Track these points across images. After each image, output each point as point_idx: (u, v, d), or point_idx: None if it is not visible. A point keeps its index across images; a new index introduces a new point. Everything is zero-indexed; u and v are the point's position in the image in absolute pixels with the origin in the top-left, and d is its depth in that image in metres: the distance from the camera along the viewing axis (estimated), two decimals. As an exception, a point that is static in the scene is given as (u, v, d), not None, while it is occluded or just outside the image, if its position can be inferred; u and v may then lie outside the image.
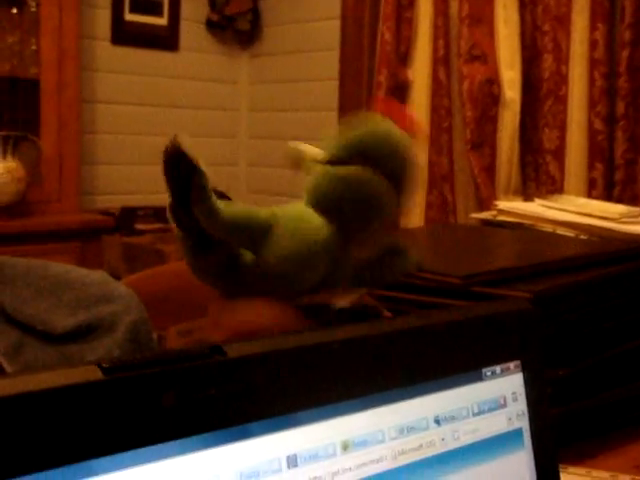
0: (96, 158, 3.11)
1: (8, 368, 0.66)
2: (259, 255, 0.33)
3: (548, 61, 2.51)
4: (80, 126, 2.90)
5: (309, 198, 0.33)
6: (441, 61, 2.72)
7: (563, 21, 2.47)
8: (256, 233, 0.33)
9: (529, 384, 0.29)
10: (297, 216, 0.33)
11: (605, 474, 0.69)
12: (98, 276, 0.75)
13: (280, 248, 0.32)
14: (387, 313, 0.38)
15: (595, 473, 0.69)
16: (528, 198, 2.46)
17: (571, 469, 0.68)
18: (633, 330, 0.83)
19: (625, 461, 0.72)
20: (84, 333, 0.69)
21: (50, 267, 0.73)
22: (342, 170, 0.32)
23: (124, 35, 3.15)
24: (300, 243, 0.32)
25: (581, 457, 0.71)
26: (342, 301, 0.34)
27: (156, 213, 3.06)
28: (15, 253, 0.82)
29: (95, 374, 0.20)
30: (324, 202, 0.32)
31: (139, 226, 2.94)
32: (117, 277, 0.81)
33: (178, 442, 0.21)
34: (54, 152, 2.77)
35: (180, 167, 0.33)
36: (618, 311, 0.82)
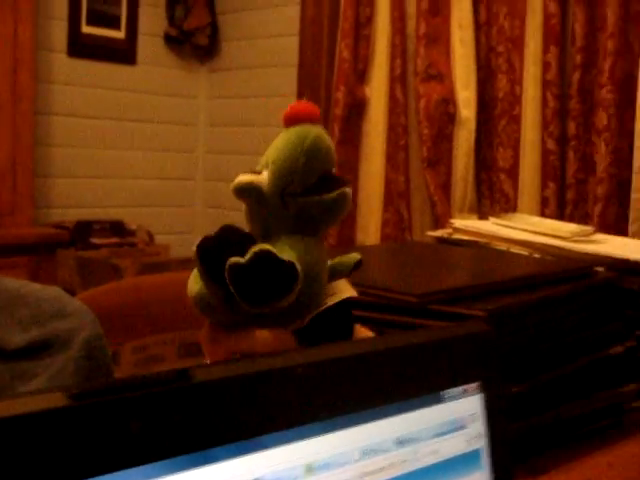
0: (51, 171, 3.07)
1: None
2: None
3: (502, 81, 2.56)
4: (34, 138, 2.86)
5: (293, 229, 0.36)
6: (398, 79, 2.75)
7: (517, 43, 2.51)
8: None
9: (488, 405, 0.29)
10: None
11: (557, 490, 0.70)
12: (52, 291, 0.74)
13: None
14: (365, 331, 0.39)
15: (547, 489, 0.70)
16: (483, 216, 2.50)
17: (525, 485, 0.69)
18: (585, 347, 0.85)
19: (576, 476, 0.74)
20: (37, 350, 0.68)
21: (3, 282, 0.72)
22: (330, 196, 0.36)
23: (81, 47, 3.12)
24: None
25: (534, 472, 0.72)
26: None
27: (112, 227, 3.02)
28: (-33, 268, 0.81)
29: (61, 400, 0.19)
30: (311, 226, 0.36)
31: (94, 240, 2.91)
32: (72, 292, 0.80)
33: (145, 468, 0.21)
34: (7, 164, 2.73)
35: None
36: (570, 329, 0.84)
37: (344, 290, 0.38)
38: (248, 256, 0.35)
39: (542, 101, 2.45)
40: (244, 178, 0.41)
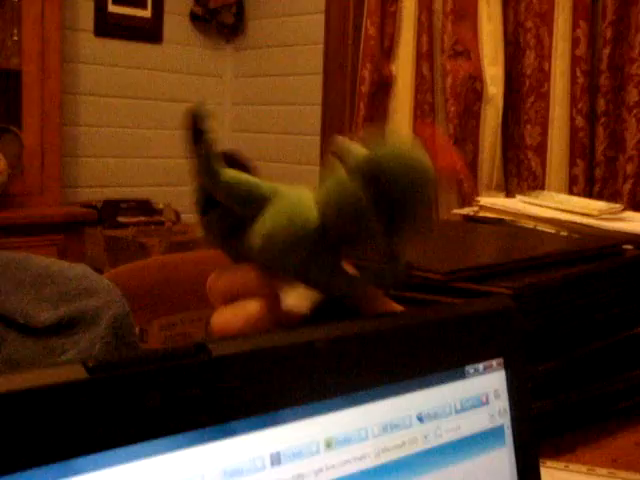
0: (78, 150, 3.09)
1: (-10, 361, 0.65)
2: (249, 227, 0.33)
3: (530, 58, 2.52)
4: (62, 118, 2.88)
5: (318, 191, 0.32)
6: (425, 56, 2.73)
7: (545, 18, 2.48)
8: (253, 203, 0.33)
9: (511, 381, 0.29)
10: (295, 200, 0.32)
11: (583, 468, 0.70)
12: (80, 269, 0.74)
13: (268, 223, 0.32)
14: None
15: (573, 467, 0.70)
16: (510, 194, 2.48)
17: (549, 463, 0.69)
18: (612, 326, 0.84)
19: (602, 455, 0.73)
20: (66, 327, 0.69)
21: (31, 260, 0.73)
22: (346, 183, 0.30)
23: (107, 27, 3.13)
24: (288, 225, 0.31)
25: (559, 451, 0.72)
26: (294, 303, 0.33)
27: (139, 206, 3.04)
28: (-4, 246, 0.82)
29: (79, 373, 0.20)
30: (320, 201, 0.31)
31: (122, 219, 2.93)
32: (99, 270, 0.81)
33: (162, 440, 0.21)
34: (36, 144, 2.75)
35: (193, 130, 0.33)
36: (598, 307, 0.83)
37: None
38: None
39: (571, 77, 2.42)
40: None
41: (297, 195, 0.33)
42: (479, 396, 0.28)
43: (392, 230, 0.30)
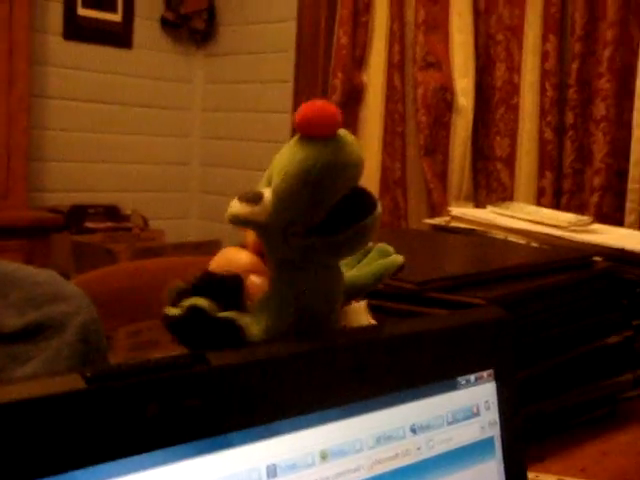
0: (45, 154, 3.05)
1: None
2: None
3: (501, 70, 2.55)
4: (29, 121, 2.84)
5: (298, 263, 0.33)
6: (396, 67, 2.74)
7: (516, 32, 2.51)
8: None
9: (501, 392, 0.29)
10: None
11: (553, 477, 0.70)
12: (48, 275, 0.73)
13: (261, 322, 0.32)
14: None
15: (543, 477, 0.70)
16: (479, 205, 2.50)
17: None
18: (582, 337, 0.85)
19: (571, 464, 0.74)
20: (33, 333, 0.67)
21: (-2, 265, 0.71)
22: (338, 238, 0.32)
23: (77, 30, 3.10)
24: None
25: (529, 461, 0.72)
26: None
27: (107, 211, 3.01)
28: (-37, 251, 0.81)
29: (77, 383, 0.19)
30: (320, 261, 0.33)
31: (89, 224, 2.90)
32: (66, 276, 0.80)
33: (160, 452, 0.20)
34: (2, 147, 2.71)
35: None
36: (568, 318, 0.84)
37: (357, 321, 0.34)
38: (179, 311, 0.31)
39: (540, 90, 2.45)
40: (240, 211, 0.35)
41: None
42: (470, 407, 0.28)
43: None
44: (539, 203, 2.39)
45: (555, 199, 2.44)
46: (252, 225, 0.34)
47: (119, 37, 3.24)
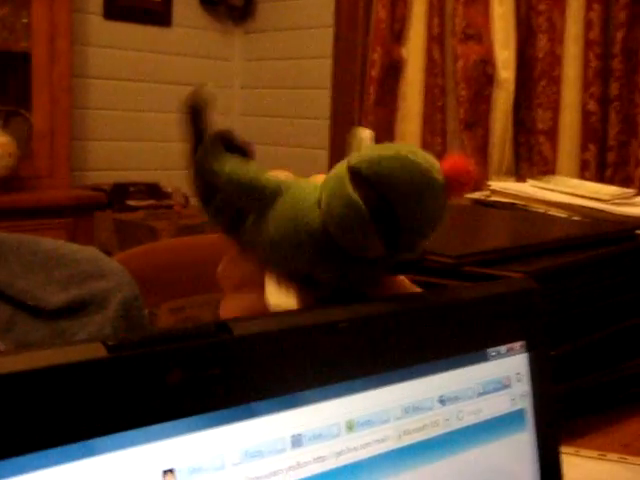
0: (88, 134, 3.08)
1: (0, 344, 0.65)
2: (256, 222, 0.32)
3: (543, 41, 2.50)
4: (71, 101, 2.87)
5: (321, 189, 0.31)
6: (436, 40, 2.71)
7: (558, 1, 2.45)
8: (256, 199, 0.32)
9: (533, 364, 0.28)
10: (299, 197, 0.31)
11: (594, 453, 0.70)
12: (89, 252, 0.74)
13: (273, 223, 0.31)
14: None
15: (584, 452, 0.70)
16: (520, 179, 2.47)
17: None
18: (625, 311, 0.84)
19: (613, 440, 0.73)
20: (75, 309, 0.68)
21: (41, 243, 0.73)
22: (347, 187, 0.29)
23: (116, 10, 3.12)
24: (292, 232, 0.30)
25: (571, 436, 0.71)
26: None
27: (148, 189, 3.04)
28: (6, 229, 0.82)
29: (99, 352, 0.19)
30: (322, 201, 0.30)
31: (131, 202, 2.93)
32: (108, 253, 0.81)
33: (182, 421, 0.21)
34: (45, 127, 2.75)
35: (194, 119, 0.32)
36: (610, 292, 0.83)
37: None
38: None
39: (584, 61, 2.39)
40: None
41: (300, 193, 0.31)
42: (501, 379, 0.27)
43: (397, 237, 0.29)
44: (582, 177, 2.35)
45: (599, 172, 2.39)
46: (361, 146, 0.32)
47: (158, 16, 3.25)
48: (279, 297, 0.30)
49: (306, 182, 0.32)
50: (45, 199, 2.65)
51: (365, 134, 0.32)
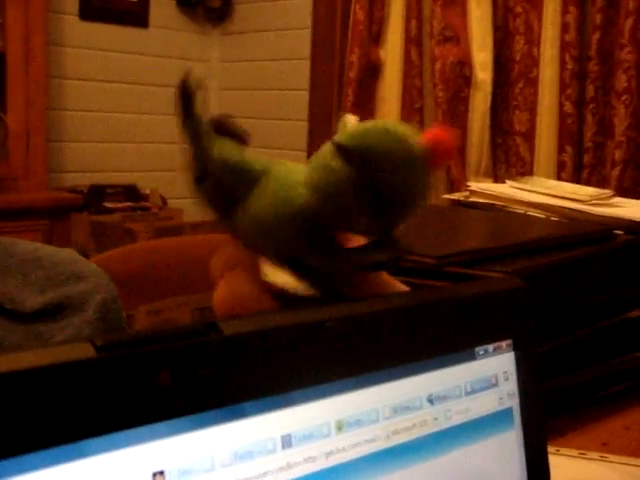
0: (64, 135, 3.06)
1: (-24, 347, 0.65)
2: (241, 205, 0.32)
3: (520, 43, 2.52)
4: (47, 102, 2.85)
5: (307, 168, 0.31)
6: (413, 42, 2.72)
7: (535, 3, 2.47)
8: (243, 182, 0.32)
9: (520, 363, 0.28)
10: (285, 176, 0.31)
11: (574, 452, 0.70)
12: (67, 254, 0.73)
13: (255, 206, 0.31)
14: None
15: (564, 451, 0.70)
16: (498, 180, 2.48)
17: (542, 448, 0.69)
18: (603, 311, 0.85)
19: (592, 439, 0.74)
20: (53, 312, 0.68)
21: (18, 245, 0.72)
22: (333, 161, 0.29)
23: (93, 10, 3.10)
24: (274, 208, 0.30)
25: (550, 435, 0.72)
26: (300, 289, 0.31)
27: (125, 191, 3.02)
28: (-18, 231, 0.81)
29: (88, 352, 0.19)
30: (311, 178, 0.30)
31: (108, 204, 2.91)
32: (86, 256, 0.80)
33: (172, 422, 0.20)
34: (21, 128, 2.72)
35: (183, 100, 0.32)
36: (589, 292, 0.83)
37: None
38: None
39: (560, 63, 2.41)
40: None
41: (286, 173, 0.32)
42: (488, 378, 0.27)
43: (381, 209, 0.29)
44: (559, 178, 2.37)
45: (576, 173, 2.41)
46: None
47: (135, 16, 3.23)
48: (276, 274, 0.31)
49: (293, 164, 0.32)
50: (21, 201, 2.63)
51: (351, 119, 0.33)
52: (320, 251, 0.30)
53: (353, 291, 0.31)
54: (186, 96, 0.32)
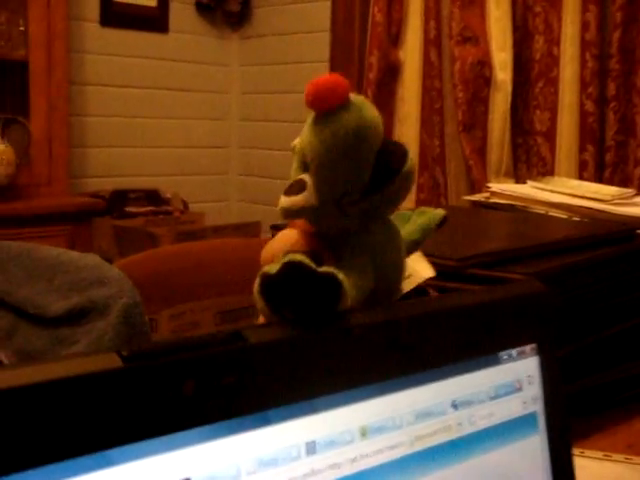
0: (86, 141, 3.08)
1: (0, 352, 0.65)
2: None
3: (539, 42, 2.50)
4: (69, 108, 2.87)
5: (359, 227, 0.36)
6: (432, 42, 2.71)
7: (554, 2, 2.46)
8: None
9: (544, 367, 0.28)
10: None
11: (599, 454, 0.69)
12: (90, 259, 0.74)
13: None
14: None
15: (588, 453, 0.69)
16: (519, 180, 2.47)
17: (566, 450, 0.68)
18: (627, 311, 0.84)
19: (618, 441, 0.73)
20: (77, 316, 0.68)
21: (41, 250, 0.72)
22: (395, 186, 0.33)
23: (113, 16, 3.12)
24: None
25: (575, 437, 0.71)
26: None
27: (147, 195, 3.04)
28: (5, 237, 0.82)
29: (115, 362, 0.19)
30: (378, 216, 0.34)
31: (130, 209, 2.93)
32: (108, 260, 0.81)
33: (198, 430, 0.20)
34: (43, 135, 2.75)
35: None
36: (612, 292, 0.82)
37: (420, 270, 0.36)
38: (277, 267, 0.30)
39: (580, 62, 2.39)
40: (291, 204, 0.35)
41: None
42: (513, 382, 0.27)
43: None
44: (581, 177, 2.35)
45: (597, 173, 2.39)
46: (306, 212, 0.35)
47: (155, 22, 3.25)
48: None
49: None
50: (44, 207, 2.65)
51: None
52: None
53: None
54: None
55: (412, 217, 0.40)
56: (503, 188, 1.17)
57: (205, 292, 1.45)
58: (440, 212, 0.39)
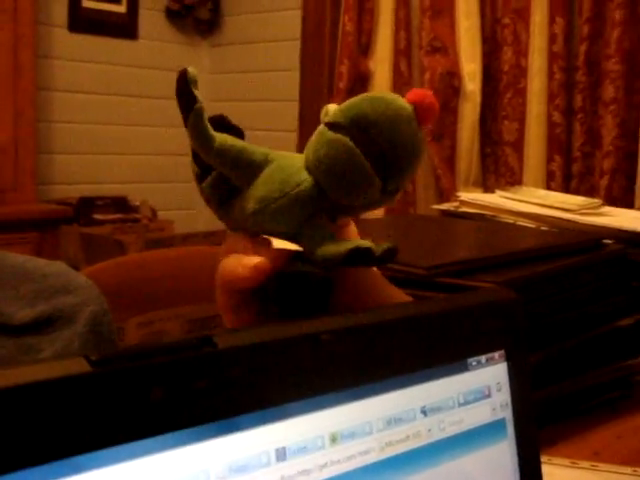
0: (53, 147, 3.05)
1: (-35, 360, 0.64)
2: (244, 193, 0.33)
3: (508, 54, 2.53)
4: (36, 114, 2.84)
5: (305, 153, 0.33)
6: (402, 53, 2.73)
7: (522, 14, 2.49)
8: (245, 170, 0.33)
9: (513, 374, 0.29)
10: (286, 164, 0.33)
11: (565, 461, 0.70)
12: (57, 267, 0.73)
13: (261, 188, 0.32)
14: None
15: (555, 460, 0.70)
16: (488, 190, 2.49)
17: (534, 457, 0.69)
18: (594, 320, 0.85)
19: (584, 448, 0.74)
20: (43, 325, 0.67)
21: (7, 258, 0.71)
22: (329, 135, 0.31)
23: (81, 22, 3.10)
24: (281, 189, 0.32)
25: (542, 444, 0.72)
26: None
27: (115, 203, 3.02)
28: (-28, 244, 0.80)
29: (83, 367, 0.19)
30: (309, 161, 0.32)
31: (98, 216, 2.90)
32: (76, 268, 0.80)
33: (166, 436, 0.20)
34: (9, 141, 2.72)
35: (183, 96, 0.33)
36: (579, 301, 0.83)
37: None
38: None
39: (548, 73, 2.43)
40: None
41: (288, 159, 0.33)
42: (481, 389, 0.27)
43: (383, 169, 0.31)
44: (548, 187, 2.38)
45: (565, 183, 2.42)
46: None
47: (124, 28, 3.23)
48: (282, 242, 0.32)
49: (291, 153, 0.34)
50: (10, 213, 2.62)
51: (332, 105, 0.35)
52: (318, 234, 0.31)
53: (350, 296, 0.32)
54: (186, 89, 0.33)
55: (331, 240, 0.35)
56: (472, 197, 1.17)
57: (174, 300, 1.44)
58: (365, 244, 0.33)
